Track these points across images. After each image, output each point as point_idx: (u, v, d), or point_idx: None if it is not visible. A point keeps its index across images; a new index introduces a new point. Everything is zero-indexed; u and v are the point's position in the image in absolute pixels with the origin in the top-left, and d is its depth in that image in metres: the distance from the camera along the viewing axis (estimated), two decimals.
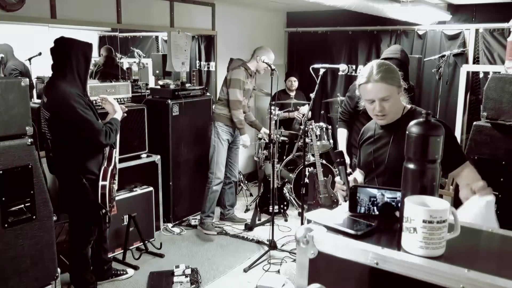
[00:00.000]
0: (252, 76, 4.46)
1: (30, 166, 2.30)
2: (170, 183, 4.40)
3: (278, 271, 3.65)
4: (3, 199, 2.22)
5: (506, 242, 1.07)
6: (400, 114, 1.96)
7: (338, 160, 1.85)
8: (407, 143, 1.08)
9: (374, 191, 1.20)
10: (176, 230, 4.43)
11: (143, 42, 5.20)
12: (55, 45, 2.85)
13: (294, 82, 5.67)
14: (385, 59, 2.67)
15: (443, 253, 0.96)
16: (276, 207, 4.70)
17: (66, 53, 2.81)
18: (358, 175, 2.13)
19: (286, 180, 5.08)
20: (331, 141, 5.15)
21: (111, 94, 3.73)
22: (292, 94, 5.66)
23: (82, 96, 2.85)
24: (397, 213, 1.16)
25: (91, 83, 3.65)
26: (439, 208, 0.95)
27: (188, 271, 3.47)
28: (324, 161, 4.77)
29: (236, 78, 4.26)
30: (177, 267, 3.53)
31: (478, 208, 1.64)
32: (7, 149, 2.23)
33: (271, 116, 4.26)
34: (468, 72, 4.95)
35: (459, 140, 4.80)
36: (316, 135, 4.87)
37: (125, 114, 3.18)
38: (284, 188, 4.99)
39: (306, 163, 4.18)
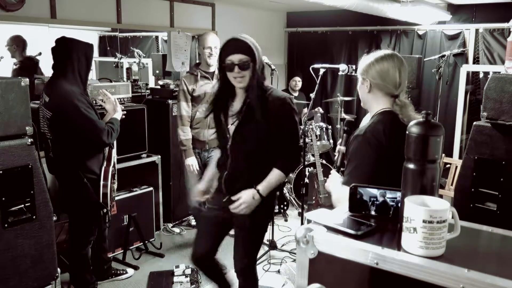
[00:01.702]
0: (212, 77, 3.74)
1: (30, 166, 2.30)
2: (170, 183, 4.40)
3: (278, 271, 3.65)
4: (3, 199, 2.22)
5: (506, 242, 1.07)
6: (372, 113, 1.94)
7: (346, 128, 2.13)
8: (407, 143, 1.08)
9: (374, 191, 1.20)
10: (176, 230, 4.43)
11: (143, 42, 5.21)
12: (56, 44, 2.86)
13: (299, 82, 5.64)
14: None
15: (443, 253, 0.96)
16: (276, 207, 4.70)
17: (67, 53, 2.82)
18: None
19: (286, 180, 5.08)
20: (331, 141, 5.15)
21: (111, 94, 3.73)
22: (295, 94, 5.64)
23: (84, 95, 2.86)
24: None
25: (91, 83, 3.65)
26: (439, 208, 0.95)
27: (188, 271, 3.47)
28: (324, 161, 4.77)
29: (178, 89, 3.78)
30: (177, 267, 3.53)
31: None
32: (7, 149, 2.23)
33: None
34: (468, 72, 4.95)
35: (459, 140, 4.85)
36: (316, 135, 4.87)
37: (123, 116, 3.18)
38: (284, 188, 4.99)
39: (306, 163, 4.18)
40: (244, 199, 2.24)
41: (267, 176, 2.27)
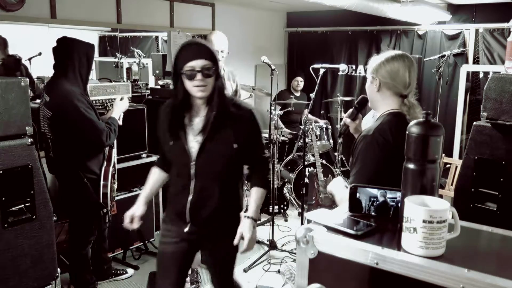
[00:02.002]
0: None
1: (30, 166, 2.30)
2: None
3: (278, 271, 3.65)
4: (3, 199, 2.22)
5: (506, 242, 1.07)
6: (379, 112, 1.96)
7: (357, 105, 2.10)
8: (407, 143, 1.08)
9: (374, 191, 1.20)
10: None
11: (143, 42, 5.20)
12: (58, 44, 2.85)
13: (301, 82, 5.65)
14: None
15: (443, 253, 0.96)
16: (276, 207, 4.70)
17: (69, 52, 2.82)
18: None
19: (286, 180, 5.08)
20: (331, 141, 5.15)
21: (111, 94, 3.72)
22: (297, 94, 5.64)
23: (84, 95, 2.86)
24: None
25: (91, 83, 3.65)
26: (439, 208, 0.95)
27: (188, 271, 3.46)
28: (324, 161, 4.77)
29: None
30: None
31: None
32: (7, 149, 2.23)
33: (271, 116, 4.26)
34: (468, 72, 4.95)
35: (459, 140, 4.85)
36: (316, 135, 4.87)
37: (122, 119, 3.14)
38: (284, 188, 4.99)
39: (306, 163, 4.18)
40: (250, 234, 1.98)
41: (252, 198, 2.10)
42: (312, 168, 4.53)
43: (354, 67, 5.99)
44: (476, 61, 5.10)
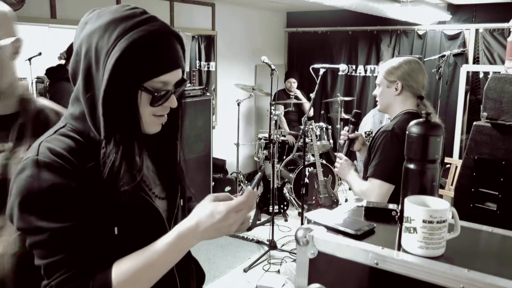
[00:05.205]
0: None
1: None
2: None
3: (278, 271, 3.65)
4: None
5: (506, 242, 1.07)
6: (394, 114, 2.03)
7: (353, 120, 2.14)
8: (407, 143, 1.08)
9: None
10: None
11: None
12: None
13: (294, 84, 5.65)
14: None
15: (443, 253, 0.96)
16: (276, 207, 4.71)
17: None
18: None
19: (286, 180, 5.08)
20: (331, 141, 5.15)
21: None
22: (292, 94, 5.66)
23: None
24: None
25: None
26: (439, 208, 0.95)
27: None
28: (324, 161, 4.77)
29: None
30: None
31: None
32: None
33: (271, 116, 4.26)
34: (468, 72, 4.96)
35: (459, 140, 4.85)
36: (316, 135, 4.87)
37: None
38: (284, 188, 4.99)
39: (306, 163, 4.18)
40: None
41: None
42: (312, 168, 4.52)
43: (354, 67, 6.00)
44: (476, 61, 5.10)
